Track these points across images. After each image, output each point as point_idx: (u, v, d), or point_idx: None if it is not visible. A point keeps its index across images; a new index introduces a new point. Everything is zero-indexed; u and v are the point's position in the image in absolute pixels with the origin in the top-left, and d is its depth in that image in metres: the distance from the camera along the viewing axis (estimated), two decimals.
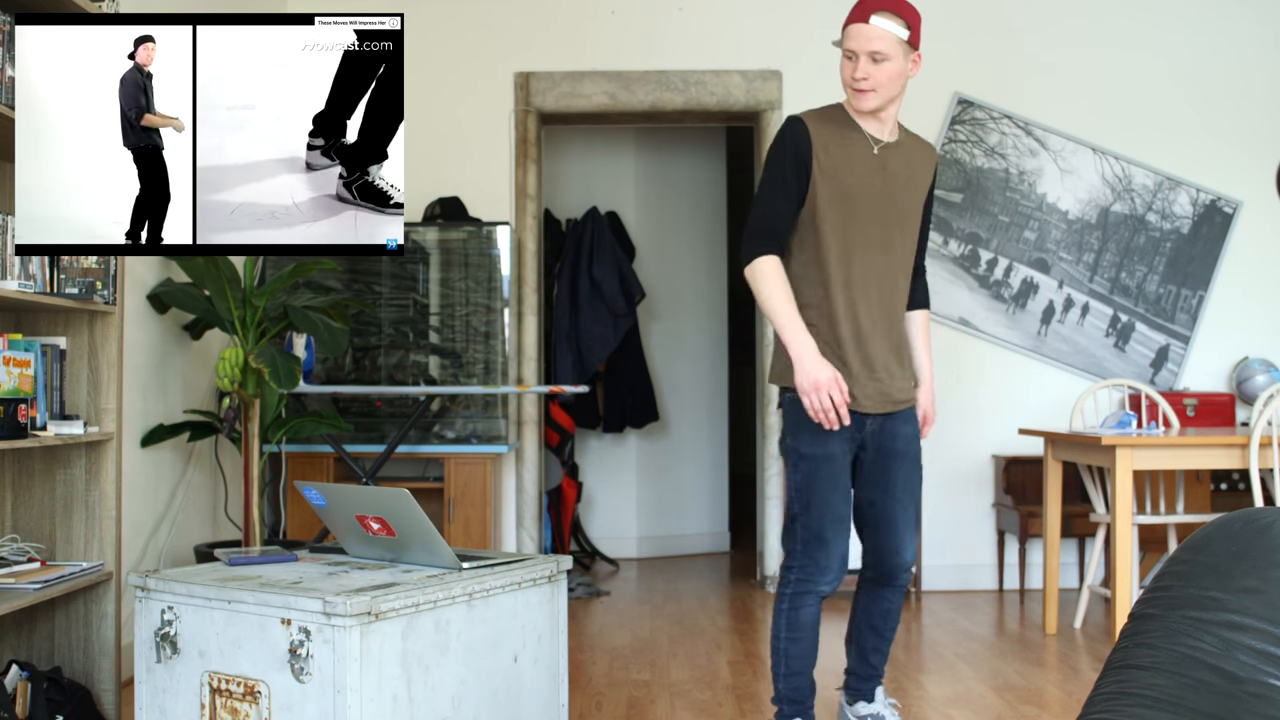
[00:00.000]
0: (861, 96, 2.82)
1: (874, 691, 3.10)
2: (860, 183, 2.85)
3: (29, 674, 2.89)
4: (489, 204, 5.50)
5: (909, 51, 2.80)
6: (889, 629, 3.08)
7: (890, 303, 2.92)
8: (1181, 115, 5.59)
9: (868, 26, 2.75)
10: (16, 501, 3.15)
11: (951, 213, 5.58)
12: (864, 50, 2.76)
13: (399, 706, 2.15)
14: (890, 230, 2.89)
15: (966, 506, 5.55)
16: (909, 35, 2.77)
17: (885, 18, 2.75)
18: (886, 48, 2.75)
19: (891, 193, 2.88)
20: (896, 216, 2.90)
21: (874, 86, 2.79)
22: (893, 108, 2.89)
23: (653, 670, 3.98)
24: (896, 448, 2.94)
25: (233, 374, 3.85)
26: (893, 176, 2.89)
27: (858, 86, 2.80)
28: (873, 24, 2.75)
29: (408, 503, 2.36)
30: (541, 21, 5.58)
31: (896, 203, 2.89)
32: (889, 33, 2.75)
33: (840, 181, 2.83)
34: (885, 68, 2.77)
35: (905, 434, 2.96)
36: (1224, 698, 1.21)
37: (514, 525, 5.51)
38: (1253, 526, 1.30)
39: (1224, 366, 5.59)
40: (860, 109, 2.85)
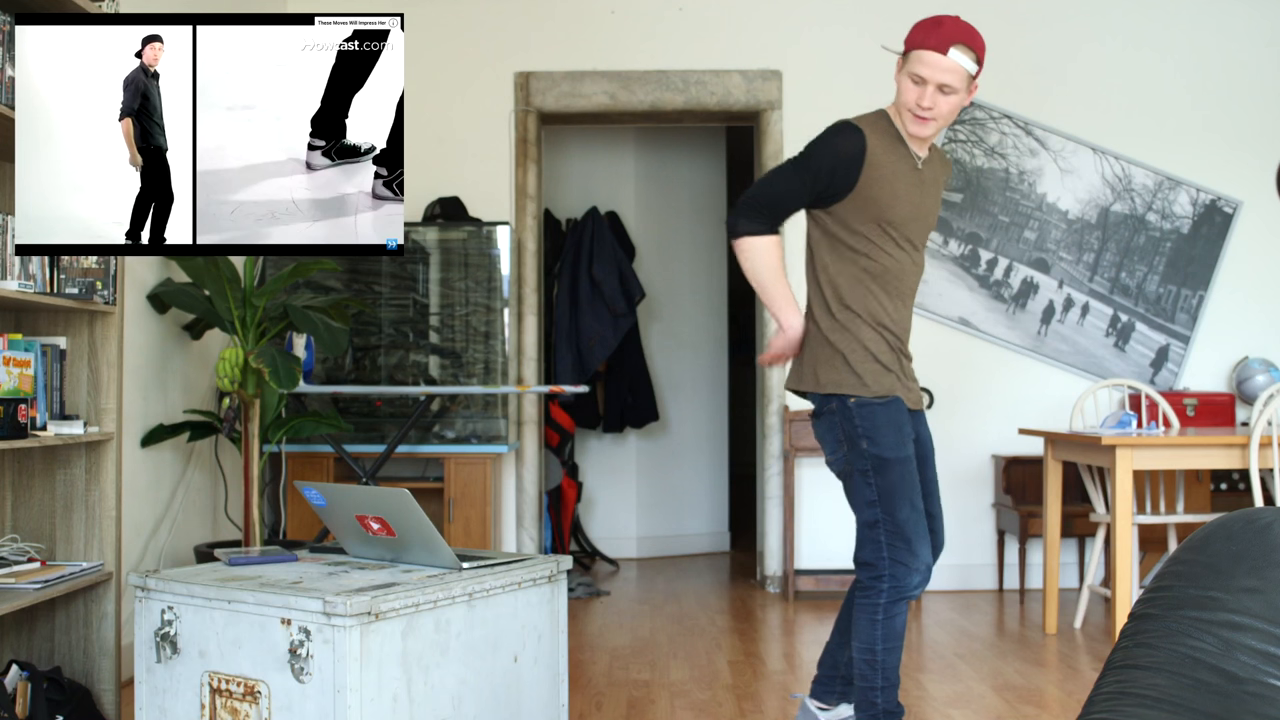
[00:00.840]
0: (922, 124, 2.81)
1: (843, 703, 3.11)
2: (906, 196, 2.87)
3: (29, 674, 2.89)
4: (489, 204, 5.50)
5: (970, 83, 2.81)
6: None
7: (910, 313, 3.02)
8: (1182, 115, 5.59)
9: (944, 59, 2.73)
10: (16, 501, 3.15)
11: (951, 213, 5.58)
12: (934, 80, 2.75)
13: (399, 706, 2.15)
14: (921, 241, 2.96)
15: (966, 506, 5.55)
16: (977, 70, 2.79)
17: (962, 51, 2.74)
18: (956, 82, 2.75)
19: (926, 207, 2.94)
20: (926, 229, 2.97)
21: (936, 116, 2.80)
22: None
23: (653, 670, 3.98)
24: (924, 452, 3.03)
25: (233, 374, 3.85)
26: (927, 192, 2.93)
27: (921, 115, 2.80)
28: (950, 57, 2.73)
29: (408, 503, 2.36)
30: (541, 21, 5.58)
31: (928, 216, 2.96)
32: (963, 69, 2.75)
33: (888, 195, 2.84)
34: (951, 100, 2.78)
35: (925, 437, 3.04)
36: (1224, 698, 1.21)
37: (514, 525, 5.51)
38: (1253, 526, 1.30)
39: (1224, 366, 5.59)
40: (916, 134, 2.85)
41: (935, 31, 2.75)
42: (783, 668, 4.05)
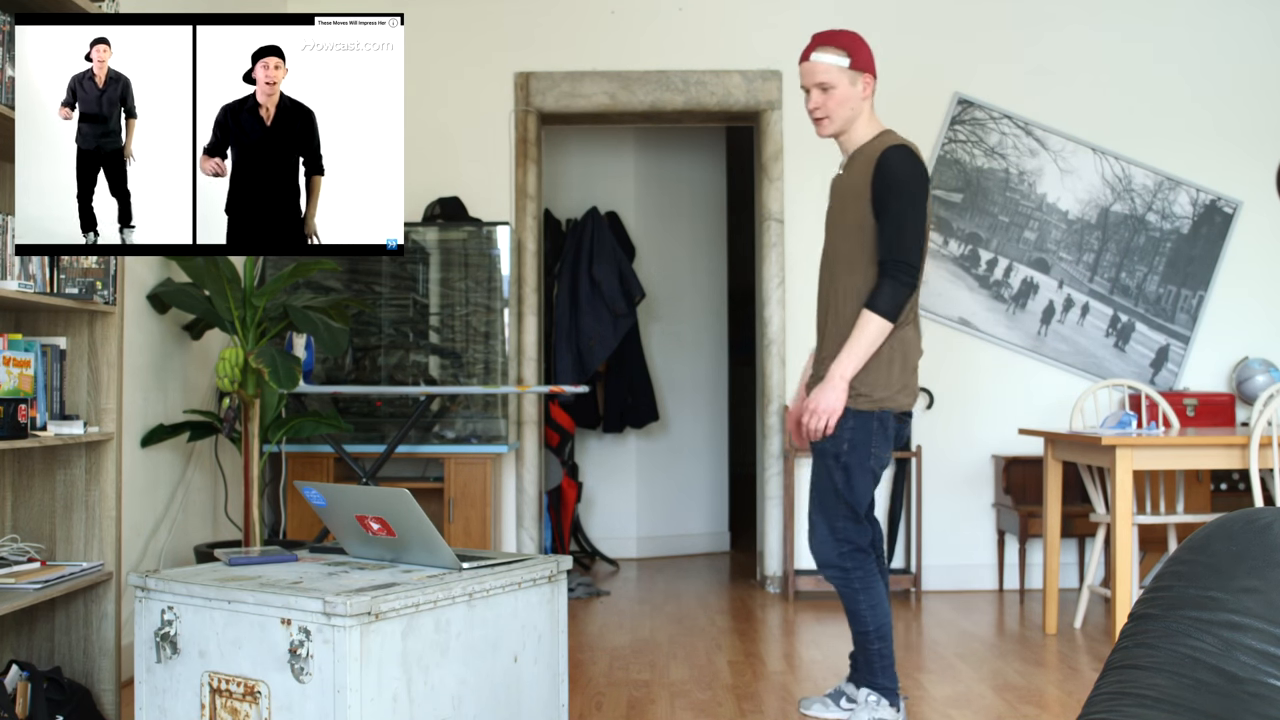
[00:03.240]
0: (818, 125, 3.15)
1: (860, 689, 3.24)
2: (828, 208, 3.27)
3: (29, 674, 2.89)
4: (489, 204, 5.50)
5: (856, 76, 3.09)
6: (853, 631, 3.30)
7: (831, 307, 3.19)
8: (1182, 115, 5.59)
9: (810, 64, 3.10)
10: (16, 501, 3.15)
11: (951, 213, 5.58)
12: (812, 84, 3.10)
13: (399, 706, 2.15)
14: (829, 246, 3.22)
15: (966, 506, 5.55)
16: (850, 61, 3.06)
17: (824, 52, 3.07)
18: (829, 78, 3.07)
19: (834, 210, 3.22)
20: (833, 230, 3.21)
21: (827, 114, 3.11)
22: (855, 131, 3.16)
23: (653, 670, 3.98)
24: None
25: (233, 374, 3.85)
26: (837, 194, 3.21)
27: (814, 117, 3.14)
28: (814, 60, 3.08)
29: (408, 503, 2.36)
30: (541, 21, 5.58)
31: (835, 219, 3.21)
32: (830, 64, 3.07)
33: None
34: (834, 95, 3.08)
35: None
36: (1224, 698, 1.21)
37: (514, 525, 5.51)
38: (1253, 526, 1.30)
39: (1224, 366, 5.59)
40: (821, 135, 3.18)
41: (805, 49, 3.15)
42: (783, 668, 4.05)
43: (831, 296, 3.15)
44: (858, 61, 3.06)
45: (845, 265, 3.12)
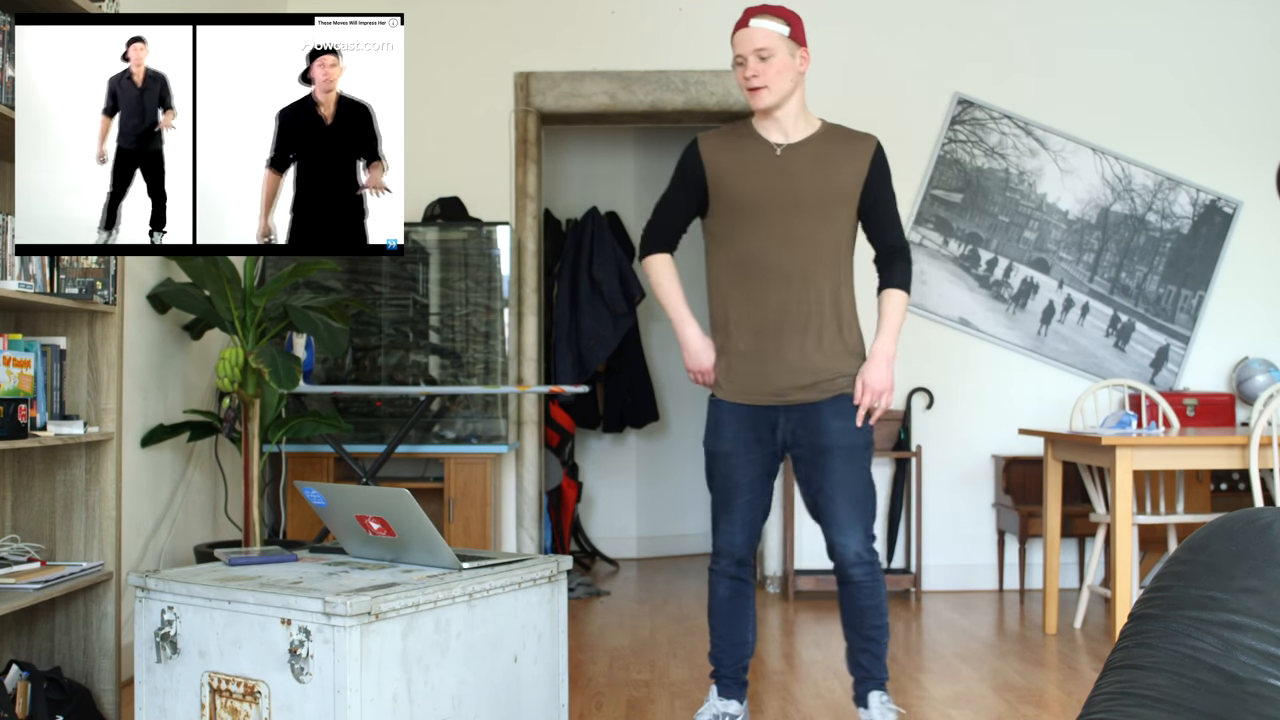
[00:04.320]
0: (756, 95, 3.00)
1: (867, 696, 3.07)
2: (756, 188, 3.03)
3: (29, 674, 2.89)
4: (489, 204, 5.50)
5: (794, 48, 2.99)
6: (868, 628, 3.07)
7: (795, 299, 3.02)
8: (1182, 115, 5.59)
9: (748, 29, 2.98)
10: (16, 501, 3.15)
11: (951, 213, 5.58)
12: (749, 51, 2.97)
13: (399, 706, 2.15)
14: (792, 227, 3.01)
15: (966, 506, 5.55)
16: (789, 31, 2.97)
17: (763, 19, 2.97)
18: (768, 44, 2.95)
19: (793, 190, 3.01)
20: (800, 212, 3.01)
21: (765, 83, 2.97)
22: (791, 106, 3.03)
23: (653, 670, 3.98)
24: (824, 443, 3.02)
25: (233, 374, 3.85)
26: (795, 174, 3.02)
27: (750, 85, 2.99)
28: (753, 26, 2.97)
29: (408, 503, 2.36)
30: (541, 21, 5.58)
31: (798, 199, 3.01)
32: (770, 30, 2.96)
33: (735, 193, 3.04)
34: (772, 64, 2.96)
35: (832, 428, 3.02)
36: (1224, 698, 1.21)
37: (514, 525, 5.51)
38: (1253, 526, 1.30)
39: (1224, 366, 5.59)
40: (758, 108, 3.02)
41: (741, 18, 3.01)
42: (783, 668, 4.05)
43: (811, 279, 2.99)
44: (796, 32, 2.98)
45: (830, 249, 3.01)
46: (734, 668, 3.14)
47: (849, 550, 3.02)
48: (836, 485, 3.02)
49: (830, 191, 3.02)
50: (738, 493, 3.11)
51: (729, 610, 3.14)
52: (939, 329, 5.53)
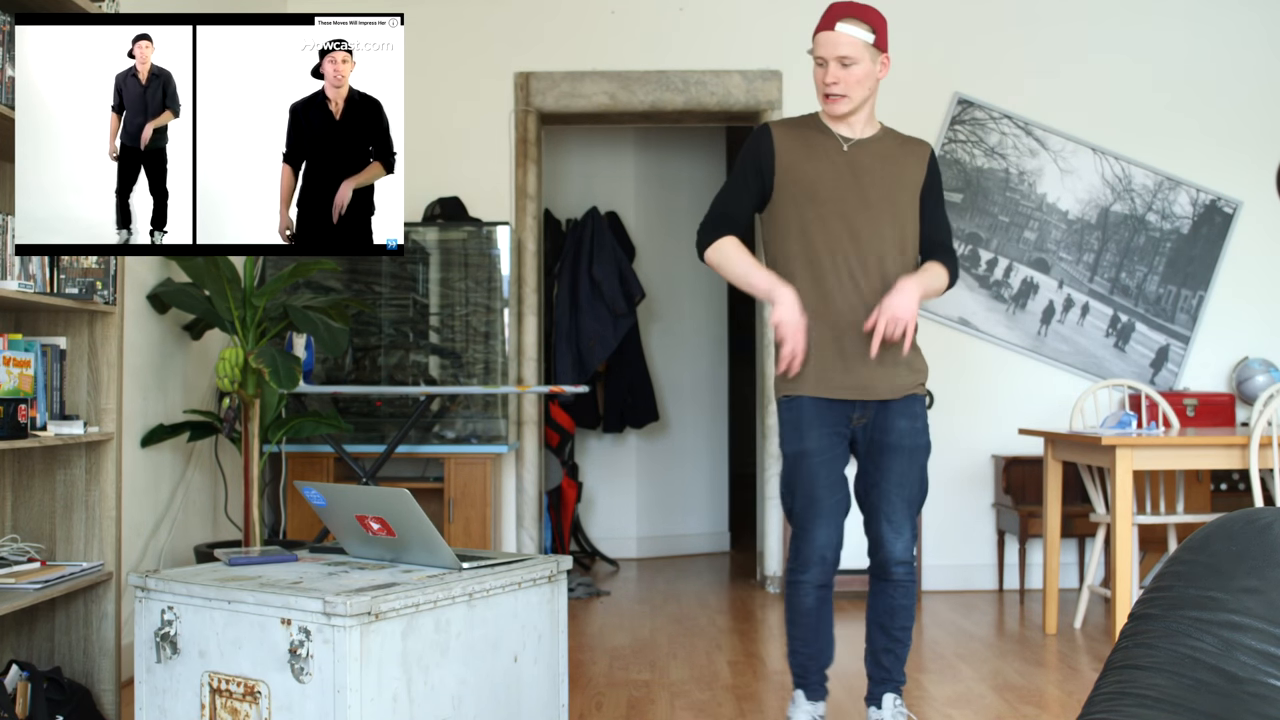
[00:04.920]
0: (833, 102, 2.96)
1: (882, 697, 3.06)
2: (826, 181, 2.97)
3: (29, 674, 2.89)
4: (489, 204, 5.50)
5: (876, 55, 2.94)
6: (896, 628, 3.05)
7: (866, 292, 2.97)
8: (1181, 115, 5.59)
9: (834, 34, 2.89)
10: (16, 501, 3.15)
11: (951, 213, 5.57)
12: (832, 56, 2.90)
13: (399, 706, 2.15)
14: (859, 221, 2.97)
15: (966, 506, 5.55)
16: (874, 39, 2.90)
17: (850, 24, 2.89)
18: (853, 52, 2.89)
19: (861, 185, 2.98)
20: (868, 207, 2.98)
21: (845, 91, 2.93)
22: (864, 110, 3.02)
23: (653, 670, 3.98)
24: (888, 440, 3.00)
25: (233, 374, 3.85)
26: (863, 170, 2.99)
27: (830, 92, 2.94)
28: (839, 30, 2.89)
29: (408, 503, 2.36)
30: (541, 21, 5.58)
31: (866, 194, 2.98)
32: (855, 38, 2.89)
33: (804, 183, 2.98)
34: (853, 71, 2.91)
35: (899, 427, 3.00)
36: (1224, 698, 1.21)
37: (514, 525, 5.51)
38: (1253, 526, 1.30)
39: (1224, 366, 5.59)
40: (833, 114, 2.98)
41: (824, 16, 2.92)
42: (783, 668, 4.04)
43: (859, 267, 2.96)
44: (881, 40, 2.91)
45: (895, 245, 2.99)
46: (819, 673, 3.09)
47: (896, 548, 3.00)
48: (894, 483, 2.99)
49: (897, 189, 3.01)
50: (827, 493, 2.98)
51: (818, 621, 3.04)
52: (939, 329, 5.53)
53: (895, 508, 3.00)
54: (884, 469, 3.01)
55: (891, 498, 3.00)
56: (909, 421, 3.01)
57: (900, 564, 3.01)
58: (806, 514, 2.98)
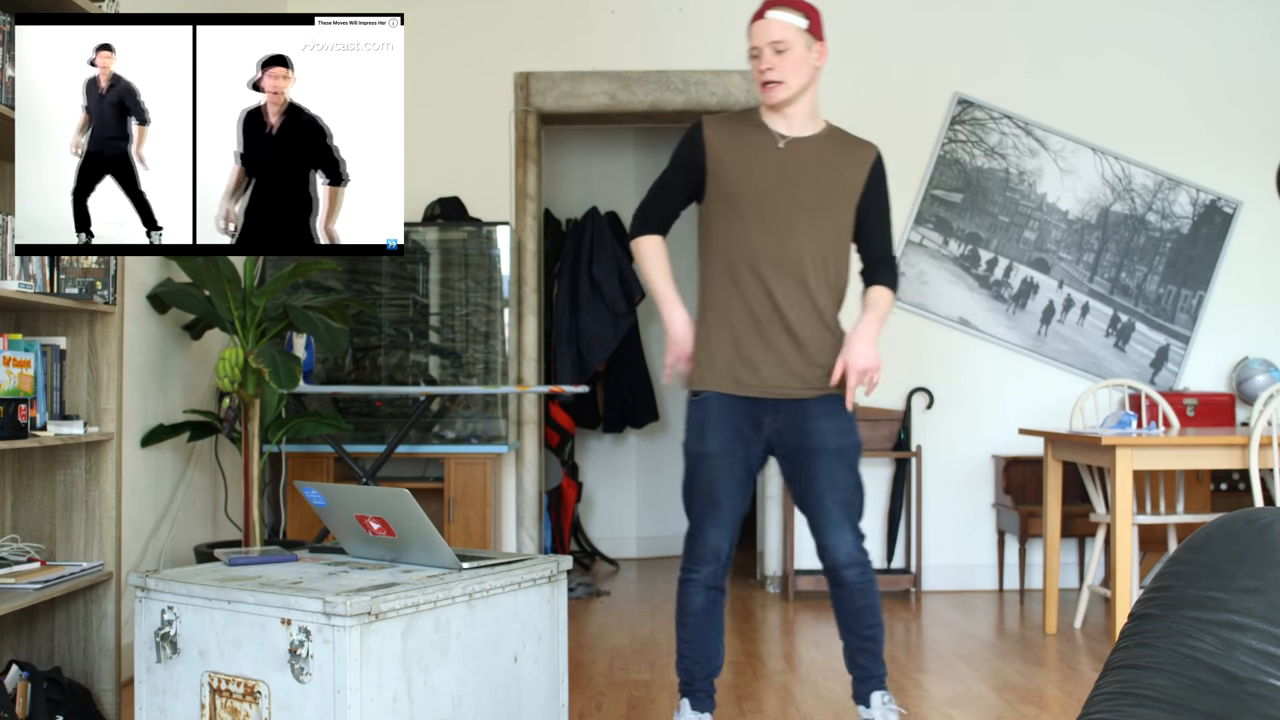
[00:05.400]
0: (770, 90, 2.93)
1: (869, 695, 3.04)
2: (754, 179, 2.95)
3: (29, 674, 2.89)
4: (489, 204, 5.50)
5: (811, 41, 2.92)
6: (864, 628, 3.02)
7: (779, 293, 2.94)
8: (1181, 115, 5.59)
9: (765, 21, 2.91)
10: (16, 501, 3.15)
11: (951, 213, 5.58)
12: (765, 43, 2.90)
13: (399, 706, 2.15)
14: (783, 221, 2.95)
15: (966, 506, 5.55)
16: (808, 25, 2.90)
17: (781, 10, 2.90)
18: (786, 36, 2.89)
19: (791, 185, 2.95)
20: (794, 207, 2.95)
21: (781, 77, 2.90)
22: (802, 103, 2.98)
23: (653, 670, 3.98)
24: (812, 444, 2.95)
25: (233, 374, 3.85)
26: (796, 169, 2.95)
27: (766, 79, 2.92)
28: (770, 18, 2.90)
29: (408, 503, 2.36)
30: (541, 21, 5.58)
31: (795, 194, 2.95)
32: (787, 23, 2.89)
33: (731, 180, 2.96)
34: (788, 57, 2.90)
35: (820, 429, 2.95)
36: (1224, 698, 1.21)
37: (514, 525, 5.51)
38: (1253, 526, 1.30)
39: (1224, 366, 5.59)
40: (771, 103, 2.95)
41: (756, 10, 2.94)
42: (783, 668, 4.04)
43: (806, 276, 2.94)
44: (814, 26, 2.91)
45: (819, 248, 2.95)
46: (706, 680, 3.06)
47: (840, 552, 2.96)
48: (826, 487, 2.95)
49: (830, 190, 2.97)
50: (725, 496, 2.97)
51: (705, 622, 3.03)
52: (939, 329, 5.53)
53: (832, 512, 2.95)
54: (814, 474, 2.96)
55: (826, 503, 2.95)
56: (831, 421, 2.95)
57: (849, 567, 2.96)
58: (703, 516, 2.98)
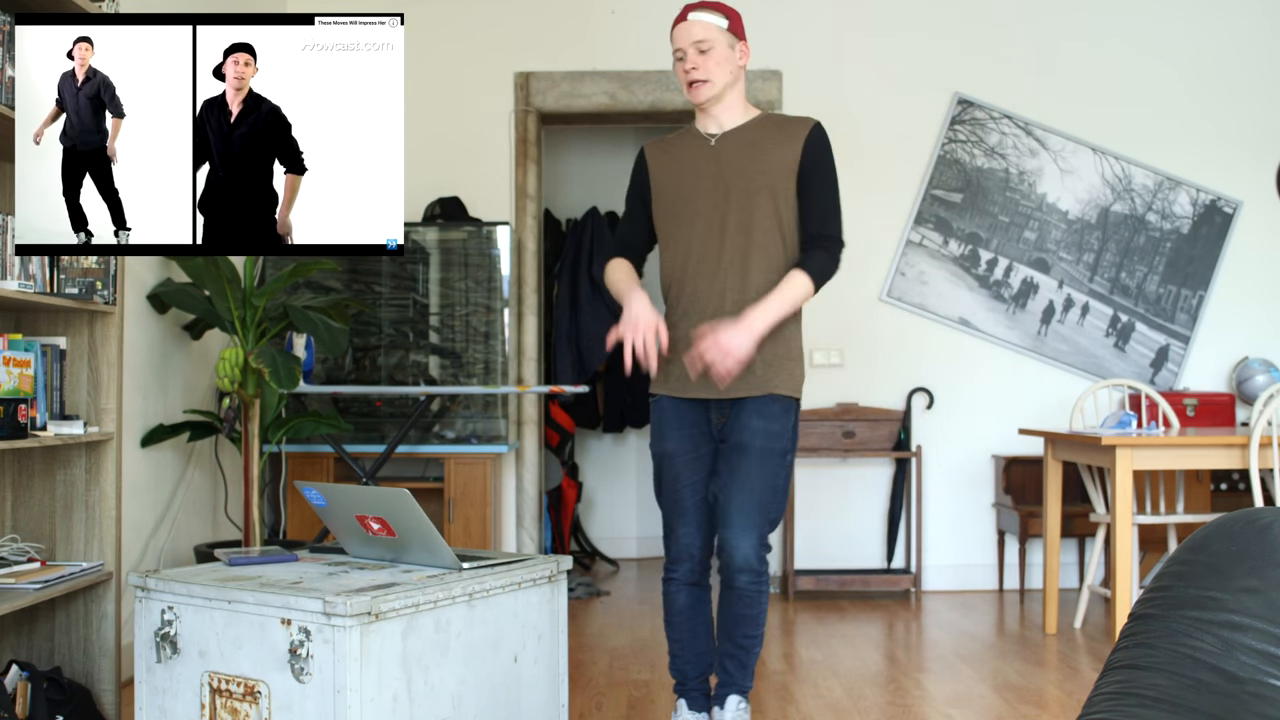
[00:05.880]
0: (696, 89, 2.96)
1: (725, 699, 2.99)
2: (691, 184, 2.99)
3: (29, 674, 2.89)
4: (489, 204, 5.50)
5: (733, 40, 2.97)
6: (740, 636, 2.96)
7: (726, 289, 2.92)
8: (1182, 115, 5.59)
9: (688, 23, 2.96)
10: (16, 501, 3.15)
11: (951, 213, 5.58)
12: (689, 43, 2.95)
13: (399, 706, 2.15)
14: (720, 216, 2.94)
15: (966, 506, 5.55)
16: (728, 24, 2.95)
17: (702, 12, 2.96)
18: (707, 35, 2.93)
19: (724, 179, 2.95)
20: (728, 199, 2.93)
21: (706, 75, 2.94)
22: (729, 100, 3.00)
23: (653, 670, 3.98)
24: (740, 439, 2.90)
25: (233, 374, 3.85)
26: (727, 161, 2.97)
27: (691, 79, 2.96)
28: (692, 19, 2.96)
29: (408, 503, 2.36)
30: (541, 21, 5.58)
31: (728, 187, 2.94)
32: (709, 24, 2.94)
33: (672, 193, 3.02)
34: (711, 56, 2.94)
35: (751, 426, 2.89)
36: (1224, 698, 1.21)
37: (514, 525, 5.51)
38: (1253, 526, 1.30)
39: (1224, 366, 5.59)
40: (698, 101, 2.99)
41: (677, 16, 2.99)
42: (783, 668, 4.05)
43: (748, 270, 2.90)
44: (735, 26, 2.94)
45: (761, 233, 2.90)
46: (700, 679, 3.05)
47: (738, 554, 2.86)
48: (739, 484, 2.87)
49: (755, 176, 2.92)
50: (689, 493, 2.96)
51: (691, 619, 3.01)
52: (939, 329, 5.53)
53: (737, 510, 2.86)
54: (731, 468, 2.90)
55: (735, 499, 2.87)
56: (762, 421, 2.89)
57: (743, 572, 2.88)
58: (672, 515, 3.00)
